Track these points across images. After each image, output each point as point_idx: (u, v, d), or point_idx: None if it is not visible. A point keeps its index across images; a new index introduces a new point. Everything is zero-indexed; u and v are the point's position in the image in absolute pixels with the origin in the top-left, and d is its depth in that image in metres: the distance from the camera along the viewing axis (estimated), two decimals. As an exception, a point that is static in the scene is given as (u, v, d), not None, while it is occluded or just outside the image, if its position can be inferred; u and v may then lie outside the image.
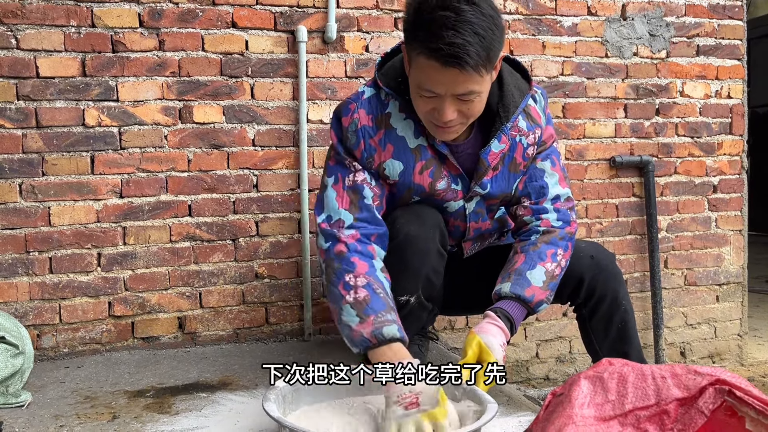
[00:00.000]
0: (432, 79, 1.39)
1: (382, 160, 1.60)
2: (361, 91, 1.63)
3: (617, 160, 2.75)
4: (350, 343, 1.46)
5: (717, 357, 3.00)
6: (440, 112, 1.44)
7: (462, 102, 1.43)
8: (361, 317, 1.42)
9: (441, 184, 1.64)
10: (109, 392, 1.80)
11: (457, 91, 1.40)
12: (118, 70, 2.19)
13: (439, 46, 1.33)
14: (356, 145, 1.59)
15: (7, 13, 2.08)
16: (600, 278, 1.70)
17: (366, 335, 1.40)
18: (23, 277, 2.13)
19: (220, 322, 2.33)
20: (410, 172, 1.61)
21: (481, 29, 1.34)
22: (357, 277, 1.47)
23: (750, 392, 1.04)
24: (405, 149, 1.59)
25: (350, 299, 1.45)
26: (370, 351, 1.41)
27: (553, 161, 1.73)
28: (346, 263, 1.49)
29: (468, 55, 1.33)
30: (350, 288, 1.46)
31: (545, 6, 2.66)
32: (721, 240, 2.97)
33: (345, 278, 1.47)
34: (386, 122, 1.59)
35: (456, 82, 1.38)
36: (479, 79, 1.39)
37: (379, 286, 1.47)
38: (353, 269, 1.48)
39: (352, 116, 1.59)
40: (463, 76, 1.36)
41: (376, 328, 1.40)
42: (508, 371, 2.68)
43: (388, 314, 1.43)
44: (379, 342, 1.39)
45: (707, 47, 2.90)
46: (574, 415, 1.11)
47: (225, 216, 2.32)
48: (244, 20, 2.30)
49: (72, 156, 2.16)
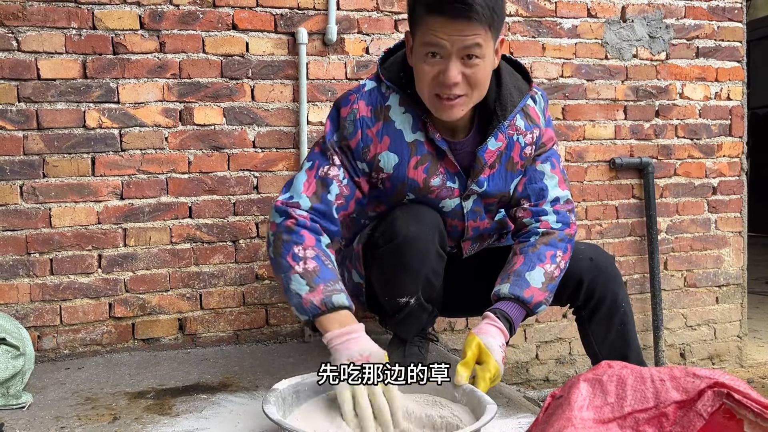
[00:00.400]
0: (438, 33, 1.42)
1: (377, 152, 1.61)
2: (363, 84, 1.65)
3: (617, 162, 2.76)
4: (299, 311, 1.50)
5: (717, 358, 3.01)
6: (446, 73, 1.45)
7: (466, 64, 1.45)
8: (311, 286, 1.47)
9: (435, 181, 1.64)
10: (109, 393, 1.80)
11: (464, 43, 1.42)
12: (118, 72, 2.19)
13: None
14: (353, 135, 1.60)
15: (8, 15, 2.08)
16: (599, 280, 1.71)
17: (316, 303, 1.45)
18: (24, 278, 2.14)
19: (220, 324, 2.34)
20: (405, 165, 1.62)
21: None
22: (306, 249, 1.52)
23: (748, 395, 1.04)
24: (401, 142, 1.61)
25: (299, 269, 1.49)
26: (319, 318, 1.46)
27: (553, 164, 1.74)
28: (295, 236, 1.53)
29: (474, 2, 1.37)
30: (299, 259, 1.50)
31: (545, 8, 2.66)
32: (720, 241, 2.97)
33: (294, 249, 1.52)
34: (385, 114, 1.60)
35: (463, 33, 1.41)
36: (484, 35, 1.42)
37: (326, 258, 1.53)
38: (302, 241, 1.52)
39: (351, 106, 1.60)
40: (470, 27, 1.40)
41: (326, 296, 1.46)
42: (508, 372, 2.68)
43: (336, 284, 1.49)
44: (329, 309, 1.46)
45: (707, 49, 2.90)
46: (573, 417, 1.12)
47: (225, 217, 2.32)
48: (245, 22, 2.31)
49: (73, 157, 2.16)
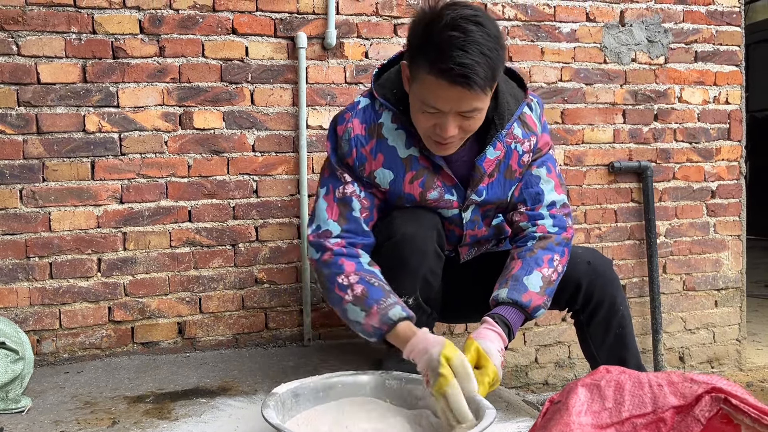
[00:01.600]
0: (438, 97, 1.43)
1: (372, 169, 1.63)
2: (357, 101, 1.67)
3: (616, 166, 2.76)
4: (366, 336, 1.55)
5: (716, 362, 3.01)
6: (442, 128, 1.47)
7: (464, 118, 1.47)
8: (366, 311, 1.50)
9: (432, 194, 1.66)
10: (108, 398, 1.80)
11: (461, 109, 1.44)
12: (118, 77, 2.20)
13: (449, 66, 1.36)
14: (348, 154, 1.63)
15: (9, 19, 2.09)
16: (597, 284, 1.71)
17: (377, 325, 1.49)
18: (23, 282, 2.14)
19: (219, 328, 2.34)
20: (400, 181, 1.64)
21: (488, 50, 1.38)
22: (348, 276, 1.54)
23: (746, 400, 1.04)
24: (395, 159, 1.63)
25: (350, 298, 1.53)
26: (387, 336, 1.50)
27: (549, 168, 1.74)
28: (335, 267, 1.57)
29: (476, 74, 1.37)
30: (346, 288, 1.53)
31: (544, 12, 2.67)
32: (719, 245, 2.98)
33: (338, 280, 1.55)
34: (378, 132, 1.62)
35: (462, 100, 1.42)
36: (483, 98, 1.44)
37: (371, 277, 1.54)
38: (342, 270, 1.55)
39: (346, 125, 1.63)
40: (470, 94, 1.40)
41: (382, 315, 1.48)
42: (507, 376, 2.68)
43: (388, 299, 1.51)
44: (390, 327, 1.48)
45: (705, 53, 2.91)
46: (572, 422, 1.12)
47: (225, 221, 2.32)
48: (244, 27, 2.31)
49: (72, 162, 2.17)
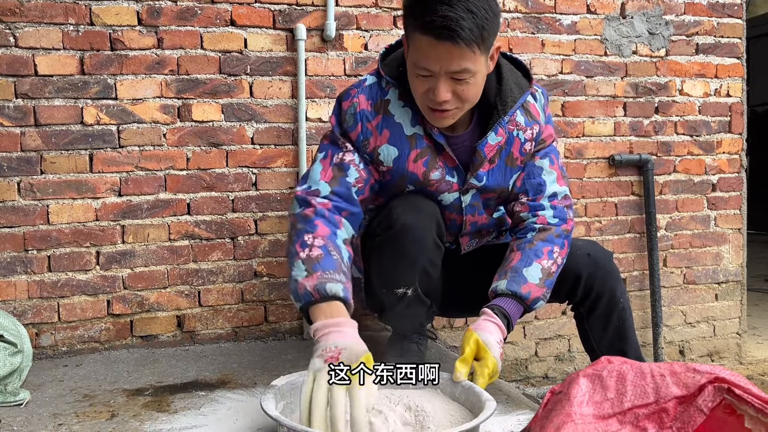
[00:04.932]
0: (426, 55, 1.42)
1: (377, 145, 1.62)
2: (363, 79, 1.67)
3: (616, 159, 2.75)
4: (294, 299, 1.42)
5: (716, 355, 3.01)
6: (434, 92, 1.46)
7: (456, 82, 1.45)
8: (309, 272, 1.39)
9: (435, 174, 1.64)
10: (107, 391, 1.80)
11: (450, 68, 1.42)
12: (116, 68, 2.18)
13: (432, 19, 1.36)
14: (353, 128, 1.61)
15: (6, 11, 2.07)
16: (597, 276, 1.70)
17: (309, 288, 1.37)
18: (22, 275, 2.13)
19: (218, 321, 2.33)
20: (404, 159, 1.63)
21: (475, 7, 1.38)
22: (315, 237, 1.46)
23: (749, 390, 1.04)
24: (401, 136, 1.62)
25: (303, 255, 1.42)
26: (311, 307, 1.37)
27: (552, 159, 1.74)
28: (308, 224, 1.48)
29: (461, 28, 1.36)
30: (306, 246, 1.44)
31: (544, 4, 2.65)
32: (720, 238, 2.97)
33: (304, 237, 1.46)
34: (385, 108, 1.62)
35: (450, 58, 1.40)
36: (472, 57, 1.41)
37: (335, 250, 1.45)
38: (314, 230, 1.47)
39: (352, 100, 1.62)
40: (457, 50, 1.39)
41: (319, 282, 1.37)
42: (507, 369, 2.68)
43: (336, 274, 1.40)
44: (321, 297, 1.36)
45: (706, 46, 2.89)
46: (573, 413, 1.11)
47: (224, 214, 2.32)
48: (243, 18, 2.30)
49: (70, 154, 2.15)
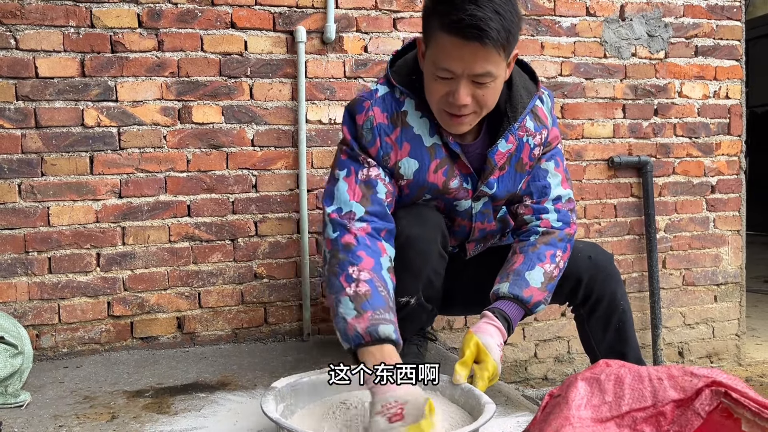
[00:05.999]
0: (451, 55, 1.38)
1: (398, 159, 1.58)
2: (375, 89, 1.61)
3: (616, 161, 2.76)
4: (343, 338, 1.37)
5: (715, 357, 3.01)
6: (455, 95, 1.42)
7: (477, 86, 1.42)
8: (359, 311, 1.34)
9: (454, 183, 1.63)
10: (108, 392, 1.80)
11: (474, 70, 1.39)
12: (117, 71, 2.19)
13: (460, 17, 1.32)
14: (372, 143, 1.56)
15: (7, 13, 2.08)
16: (598, 279, 1.70)
17: (360, 331, 1.32)
18: (22, 277, 2.13)
19: (218, 322, 2.33)
20: (425, 170, 1.59)
21: (502, 9, 1.34)
22: (361, 270, 1.40)
23: (746, 394, 1.04)
24: (421, 147, 1.58)
25: (350, 291, 1.37)
26: (361, 349, 1.32)
27: (557, 162, 1.73)
28: (352, 255, 1.43)
29: (489, 28, 1.32)
30: (352, 281, 1.39)
31: (544, 6, 2.66)
32: (719, 240, 2.97)
33: (348, 270, 1.40)
34: (403, 120, 1.57)
35: (475, 59, 1.37)
36: (496, 60, 1.38)
37: (381, 285, 1.41)
38: (358, 262, 1.41)
39: (366, 113, 1.57)
40: (483, 51, 1.35)
41: (371, 324, 1.32)
42: (507, 371, 2.68)
43: (386, 313, 1.36)
44: (373, 340, 1.31)
45: (706, 48, 2.90)
46: (571, 416, 1.11)
47: (224, 216, 2.32)
48: (243, 21, 2.30)
49: (71, 156, 2.16)
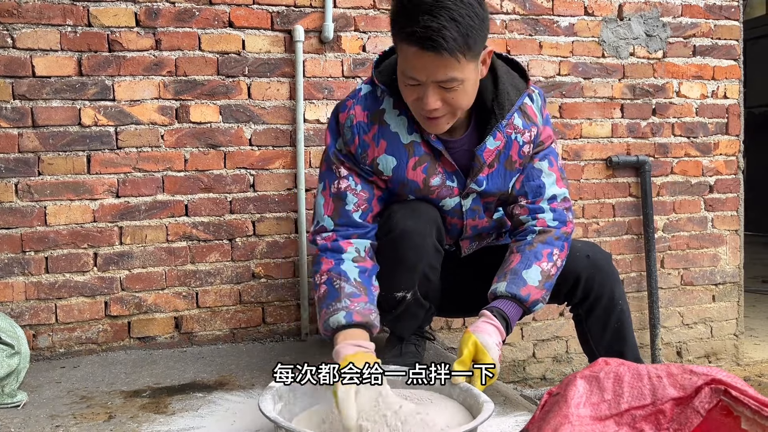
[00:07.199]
0: (412, 65, 1.42)
1: (375, 156, 1.62)
2: (359, 89, 1.66)
3: (614, 160, 2.76)
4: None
5: (713, 357, 3.01)
6: (423, 101, 1.46)
7: (445, 90, 1.44)
8: (319, 312, 1.49)
9: (435, 180, 1.64)
10: (105, 392, 1.79)
11: (437, 78, 1.41)
12: (114, 70, 2.18)
13: (414, 30, 1.35)
14: (351, 141, 1.62)
15: (3, 12, 2.07)
16: (596, 278, 1.70)
17: (321, 330, 1.47)
18: (19, 276, 2.13)
19: (216, 322, 2.33)
20: (403, 167, 1.62)
21: (459, 15, 1.35)
22: (321, 275, 1.54)
23: (746, 392, 1.04)
24: (398, 145, 1.61)
25: (315, 298, 1.54)
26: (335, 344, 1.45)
27: (551, 161, 1.73)
28: (316, 265, 1.58)
29: (443, 38, 1.34)
30: (317, 286, 1.55)
31: (542, 6, 2.66)
32: (717, 240, 2.98)
33: (315, 278, 1.57)
34: (380, 118, 1.61)
35: (435, 67, 1.39)
36: (458, 66, 1.40)
37: (336, 278, 1.52)
38: (319, 269, 1.56)
39: (348, 112, 1.62)
40: (441, 60, 1.37)
41: (325, 321, 1.46)
42: (505, 371, 2.68)
43: (337, 303, 1.46)
44: (332, 333, 1.45)
45: (704, 47, 2.90)
46: (570, 414, 1.11)
47: (222, 216, 2.31)
48: (241, 20, 2.30)
49: (68, 155, 2.15)
